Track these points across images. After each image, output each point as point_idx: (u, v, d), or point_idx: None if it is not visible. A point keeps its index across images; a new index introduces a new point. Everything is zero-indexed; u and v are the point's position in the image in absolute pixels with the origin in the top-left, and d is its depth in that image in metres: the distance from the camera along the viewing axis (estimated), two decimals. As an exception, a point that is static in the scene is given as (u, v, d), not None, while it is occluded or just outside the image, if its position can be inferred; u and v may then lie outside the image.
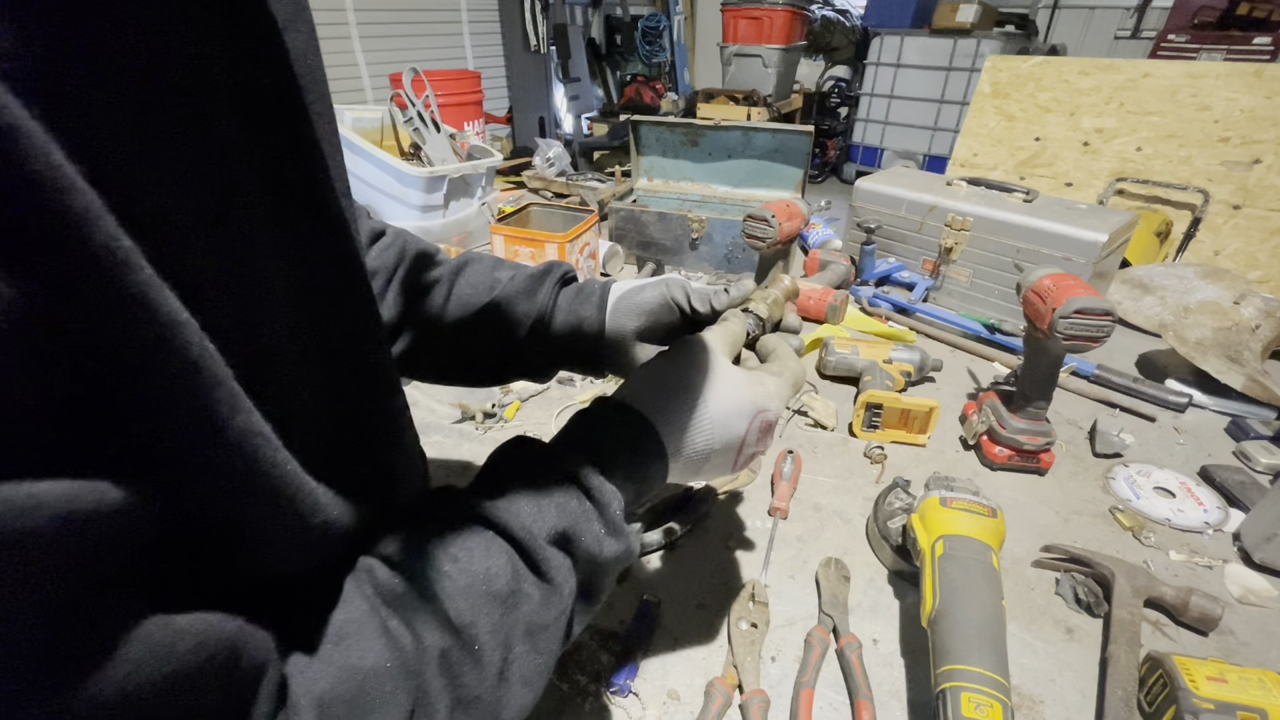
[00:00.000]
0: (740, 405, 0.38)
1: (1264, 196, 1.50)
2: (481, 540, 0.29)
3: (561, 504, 0.31)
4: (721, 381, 0.38)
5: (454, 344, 0.51)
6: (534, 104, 4.07)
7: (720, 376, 0.38)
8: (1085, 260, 0.98)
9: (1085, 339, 0.66)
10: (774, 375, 0.41)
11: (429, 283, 0.50)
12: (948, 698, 0.44)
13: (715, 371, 0.38)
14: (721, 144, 1.38)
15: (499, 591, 0.28)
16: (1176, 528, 0.69)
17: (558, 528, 0.31)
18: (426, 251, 0.52)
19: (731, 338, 0.42)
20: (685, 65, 5.34)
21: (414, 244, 0.52)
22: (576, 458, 0.33)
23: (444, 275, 0.51)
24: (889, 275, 1.22)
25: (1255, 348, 0.92)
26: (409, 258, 0.51)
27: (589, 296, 0.49)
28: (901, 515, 0.64)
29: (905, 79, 4.32)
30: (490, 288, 0.50)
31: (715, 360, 0.39)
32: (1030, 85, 1.78)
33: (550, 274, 0.50)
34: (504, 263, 0.53)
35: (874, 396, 0.80)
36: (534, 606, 0.29)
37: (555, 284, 0.50)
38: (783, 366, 0.42)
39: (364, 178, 1.33)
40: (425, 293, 0.50)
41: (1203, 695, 0.45)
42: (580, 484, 0.32)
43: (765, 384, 0.40)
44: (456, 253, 0.56)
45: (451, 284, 0.50)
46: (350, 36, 3.72)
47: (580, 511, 0.32)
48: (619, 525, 0.33)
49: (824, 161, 5.03)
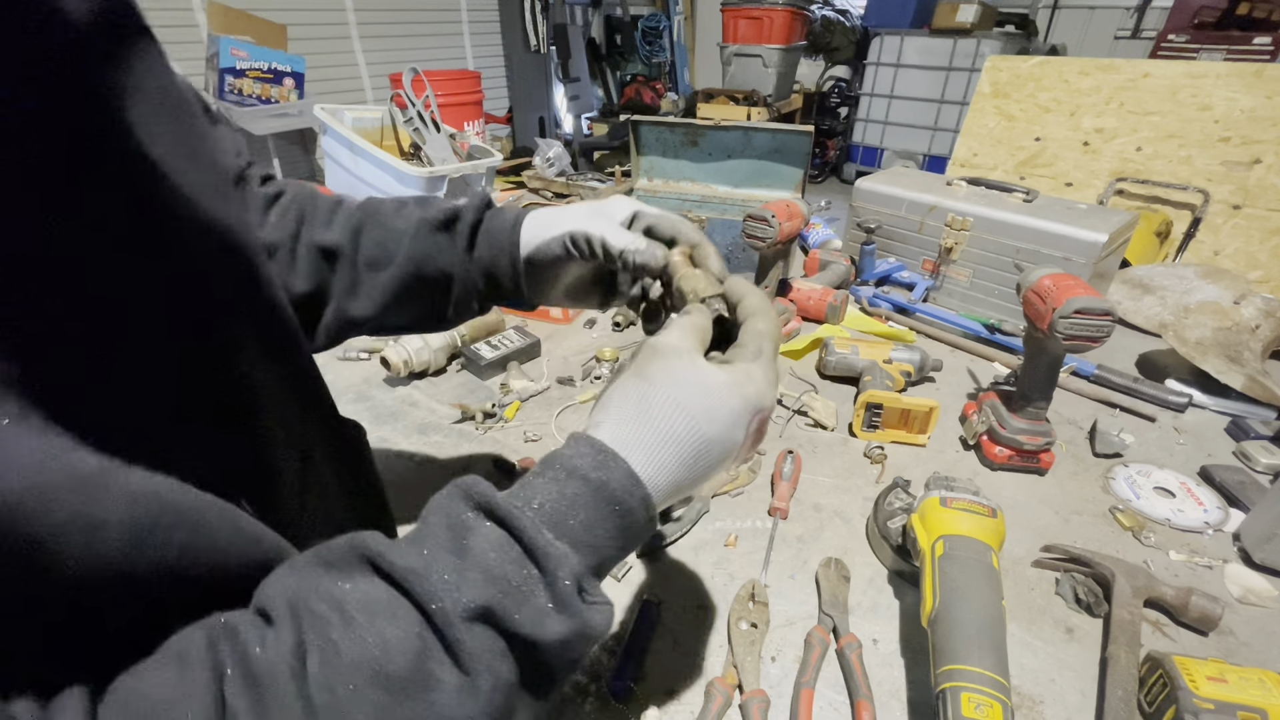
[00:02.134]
0: (733, 414, 0.33)
1: (1264, 196, 1.50)
2: (388, 602, 0.24)
3: (492, 568, 0.26)
4: (707, 392, 0.32)
5: (380, 304, 0.48)
6: (534, 104, 4.07)
7: (704, 386, 0.33)
8: (1085, 260, 0.98)
9: (1085, 339, 0.66)
10: (757, 360, 0.35)
11: (332, 247, 0.47)
12: (948, 698, 0.44)
13: (697, 381, 0.33)
14: (721, 144, 1.38)
15: (395, 674, 0.23)
16: (1176, 528, 0.69)
17: (479, 601, 0.25)
18: (325, 207, 0.49)
19: (699, 333, 0.37)
20: (685, 65, 5.34)
21: (311, 204, 0.49)
22: (520, 510, 0.27)
23: (345, 242, 0.48)
24: (889, 275, 1.22)
25: (1255, 348, 0.92)
26: (311, 220, 0.48)
27: (500, 249, 0.47)
28: (901, 515, 0.64)
29: (905, 79, 4.33)
30: (397, 242, 0.47)
31: (693, 367, 0.33)
32: (1030, 85, 1.78)
33: (460, 220, 0.48)
34: (404, 207, 0.50)
35: (874, 396, 0.80)
36: (446, 699, 0.24)
37: (467, 233, 0.47)
38: (760, 341, 0.36)
39: (364, 178, 1.33)
40: (332, 260, 0.48)
41: (1203, 695, 0.45)
42: (523, 542, 0.26)
43: (753, 378, 0.34)
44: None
45: (355, 251, 0.48)
46: (350, 36, 3.72)
47: (519, 579, 0.26)
48: (568, 598, 0.26)
49: (824, 161, 5.03)
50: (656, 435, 0.31)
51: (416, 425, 0.84)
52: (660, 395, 0.32)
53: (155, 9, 2.93)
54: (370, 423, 0.84)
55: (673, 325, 0.36)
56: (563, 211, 0.46)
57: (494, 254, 0.47)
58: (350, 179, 1.35)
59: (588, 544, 0.28)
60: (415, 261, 0.47)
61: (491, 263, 0.47)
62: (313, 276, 0.47)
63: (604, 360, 0.97)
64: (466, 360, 0.96)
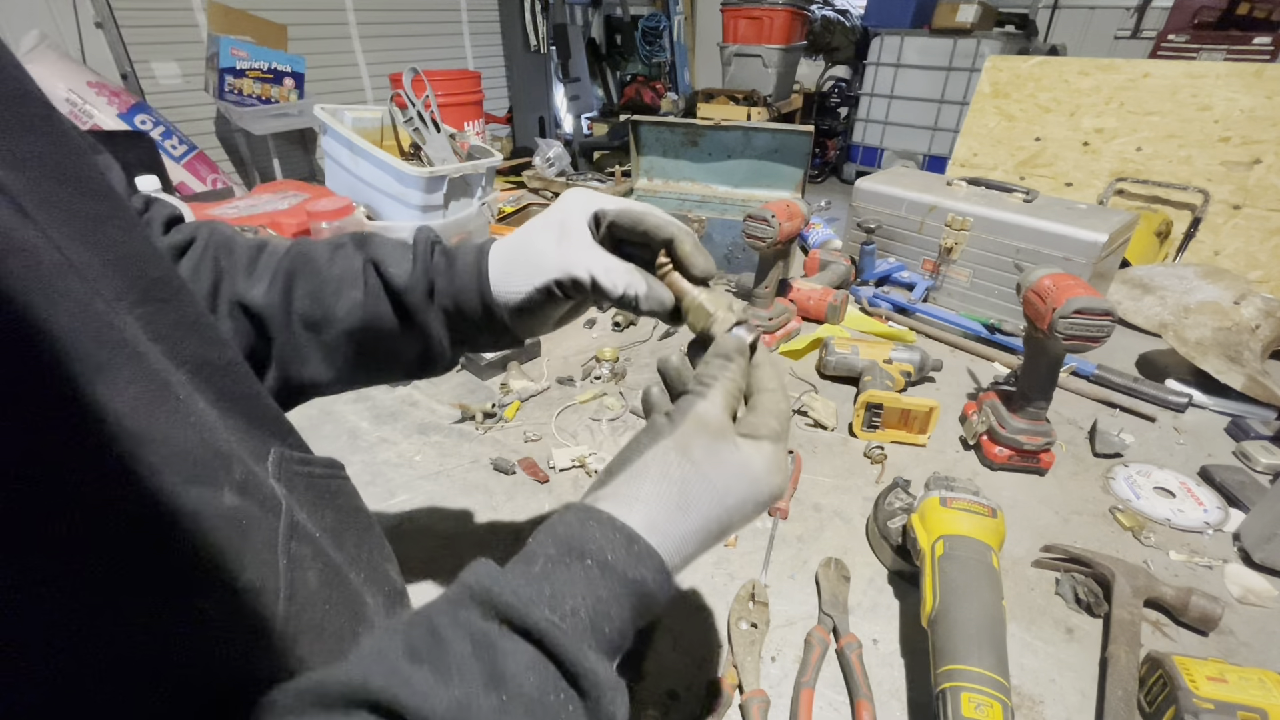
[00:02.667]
0: (759, 507, 0.32)
1: (1264, 196, 1.50)
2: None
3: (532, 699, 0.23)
4: (745, 484, 0.31)
5: (334, 367, 0.42)
6: (534, 104, 4.07)
7: (746, 479, 0.31)
8: (1085, 260, 0.98)
9: (1085, 339, 0.66)
10: (779, 442, 0.34)
11: (257, 309, 0.40)
12: (948, 698, 0.44)
13: (740, 472, 0.31)
14: (721, 144, 1.38)
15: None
16: (1176, 528, 0.69)
17: None
18: (245, 256, 0.42)
19: (733, 399, 0.34)
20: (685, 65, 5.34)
21: (228, 253, 0.41)
22: (558, 626, 0.25)
23: (274, 300, 0.40)
24: (889, 275, 1.22)
25: (1255, 348, 0.92)
26: (230, 272, 0.41)
27: (463, 289, 0.41)
28: (901, 515, 0.64)
29: (905, 79, 4.32)
30: (335, 294, 0.40)
31: (737, 451, 0.32)
32: (1030, 85, 1.78)
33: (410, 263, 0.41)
34: (339, 249, 0.42)
35: (874, 396, 0.80)
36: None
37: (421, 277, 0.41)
38: (783, 421, 0.34)
39: (364, 178, 1.33)
40: (260, 322, 0.40)
41: (1203, 695, 0.45)
42: (563, 665, 0.24)
43: (780, 468, 0.33)
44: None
45: (287, 311, 0.40)
46: (350, 36, 3.73)
47: (557, 706, 0.24)
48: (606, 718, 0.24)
49: (824, 161, 5.03)
50: (691, 527, 0.30)
51: (416, 425, 0.84)
52: (703, 485, 0.30)
53: (155, 9, 2.93)
54: (370, 423, 0.84)
55: (715, 388, 0.33)
56: (529, 242, 0.40)
57: (458, 297, 0.41)
58: (350, 179, 1.35)
59: (618, 645, 0.27)
60: (362, 316, 0.40)
61: (456, 308, 0.41)
62: (240, 339, 0.40)
63: (604, 360, 0.97)
64: (467, 360, 0.96)
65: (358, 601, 0.31)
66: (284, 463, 0.31)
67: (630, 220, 0.40)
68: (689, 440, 0.31)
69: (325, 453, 0.36)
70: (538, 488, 0.73)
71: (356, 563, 0.33)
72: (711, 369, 0.35)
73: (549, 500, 0.71)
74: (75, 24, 2.72)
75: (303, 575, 0.27)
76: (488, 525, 0.68)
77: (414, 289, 0.40)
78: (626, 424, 0.85)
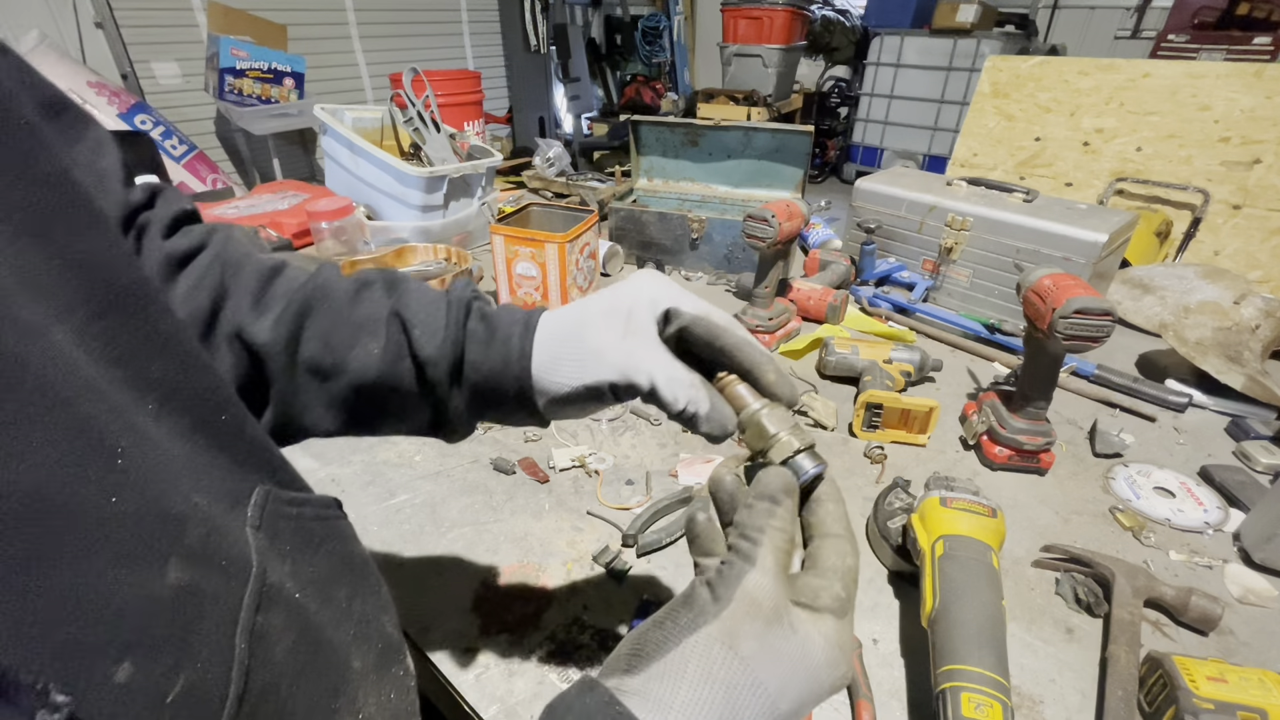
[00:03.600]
0: (817, 701, 0.27)
1: (1264, 196, 1.50)
2: None
3: None
4: (804, 682, 0.26)
5: (339, 419, 0.38)
6: (534, 104, 4.08)
7: (806, 675, 0.26)
8: (1085, 260, 0.98)
9: (1085, 339, 0.66)
10: (844, 617, 0.28)
11: (259, 348, 0.35)
12: (948, 698, 0.44)
13: (799, 667, 0.26)
14: (721, 144, 1.38)
15: None
16: (1176, 528, 0.69)
17: None
18: (254, 279, 0.37)
19: (785, 555, 0.29)
20: (685, 65, 5.34)
21: (235, 273, 0.36)
22: None
23: (279, 340, 0.35)
24: (889, 275, 1.22)
25: (1255, 348, 0.92)
26: (236, 295, 0.36)
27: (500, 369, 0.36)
28: (901, 515, 0.64)
29: (905, 79, 4.33)
30: (353, 340, 0.36)
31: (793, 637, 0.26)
32: (1030, 85, 1.78)
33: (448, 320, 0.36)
34: (366, 288, 0.38)
35: (874, 396, 0.80)
36: None
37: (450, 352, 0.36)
38: (850, 586, 0.29)
39: (364, 178, 1.33)
40: (259, 361, 0.36)
41: (1203, 695, 0.45)
42: None
43: (846, 651, 0.28)
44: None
45: (293, 354, 0.36)
46: (350, 36, 3.73)
47: None
48: None
49: (824, 161, 5.04)
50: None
51: (416, 425, 0.83)
52: (753, 692, 0.25)
53: (155, 9, 2.93)
54: (370, 423, 0.84)
55: (764, 546, 0.28)
56: (586, 328, 0.35)
57: (491, 376, 0.36)
58: (350, 179, 1.35)
59: None
60: (378, 372, 0.36)
61: (487, 386, 0.37)
62: (234, 372, 0.36)
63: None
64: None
65: (340, 667, 0.27)
66: (269, 504, 0.26)
67: (706, 333, 0.35)
68: (738, 628, 0.26)
69: (325, 452, 0.35)
70: (538, 487, 0.73)
71: (345, 618, 0.29)
72: (756, 516, 0.29)
73: (548, 500, 0.71)
74: (75, 24, 2.72)
75: (267, 653, 0.22)
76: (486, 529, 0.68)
77: (440, 361, 0.36)
78: (626, 424, 0.85)
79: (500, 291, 1.13)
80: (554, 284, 1.07)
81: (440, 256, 1.25)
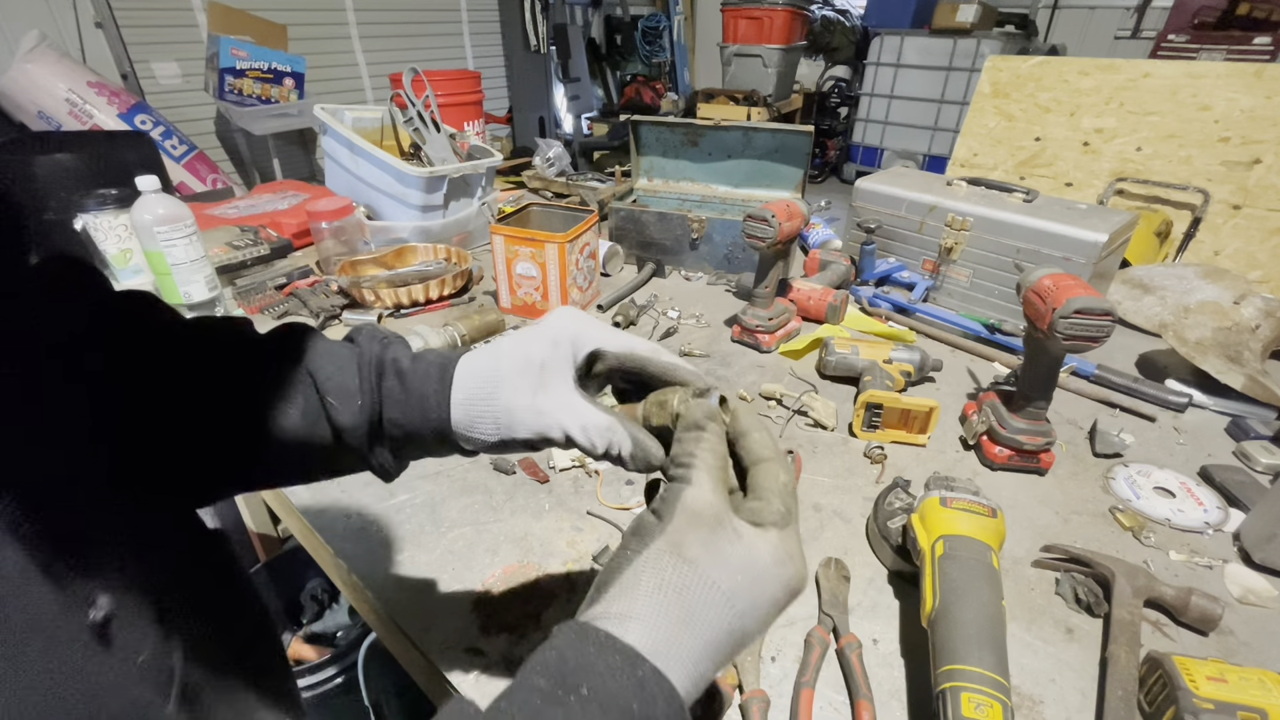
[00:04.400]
0: (776, 606, 0.28)
1: (1264, 196, 1.50)
2: None
3: None
4: (754, 580, 0.27)
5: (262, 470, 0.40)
6: (534, 104, 4.07)
7: (753, 572, 0.27)
8: (1085, 260, 0.98)
9: (1085, 339, 0.66)
10: (789, 526, 0.30)
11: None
12: (948, 698, 0.44)
13: (745, 565, 0.27)
14: (721, 144, 1.38)
15: None
16: (1176, 528, 0.69)
17: None
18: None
19: (721, 472, 0.30)
20: (685, 65, 5.34)
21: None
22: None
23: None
24: (889, 275, 1.22)
25: (1255, 348, 0.92)
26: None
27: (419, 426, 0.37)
28: (901, 515, 0.64)
29: (905, 79, 4.33)
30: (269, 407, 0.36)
31: (737, 541, 0.28)
32: (1030, 85, 1.78)
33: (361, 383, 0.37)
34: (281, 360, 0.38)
35: (874, 396, 0.80)
36: None
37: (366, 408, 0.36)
38: (787, 499, 0.30)
39: (364, 178, 1.33)
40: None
41: (1203, 695, 0.45)
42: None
43: (794, 556, 0.29)
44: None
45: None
46: (350, 36, 3.73)
47: None
48: None
49: (824, 161, 5.04)
50: (700, 641, 0.26)
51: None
52: (705, 587, 0.26)
53: (155, 9, 2.93)
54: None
55: (697, 466, 0.30)
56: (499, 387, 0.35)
57: (411, 432, 0.37)
58: (350, 179, 1.35)
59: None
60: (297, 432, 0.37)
61: (407, 439, 0.38)
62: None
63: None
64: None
65: None
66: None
67: (635, 366, 0.36)
68: (683, 539, 0.27)
69: None
70: (538, 487, 0.73)
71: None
72: (686, 445, 0.31)
73: (548, 500, 0.71)
74: (75, 24, 2.72)
75: None
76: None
77: (358, 427, 0.36)
78: (626, 424, 0.85)
79: (501, 291, 1.13)
80: (554, 284, 1.07)
81: (440, 256, 1.25)
